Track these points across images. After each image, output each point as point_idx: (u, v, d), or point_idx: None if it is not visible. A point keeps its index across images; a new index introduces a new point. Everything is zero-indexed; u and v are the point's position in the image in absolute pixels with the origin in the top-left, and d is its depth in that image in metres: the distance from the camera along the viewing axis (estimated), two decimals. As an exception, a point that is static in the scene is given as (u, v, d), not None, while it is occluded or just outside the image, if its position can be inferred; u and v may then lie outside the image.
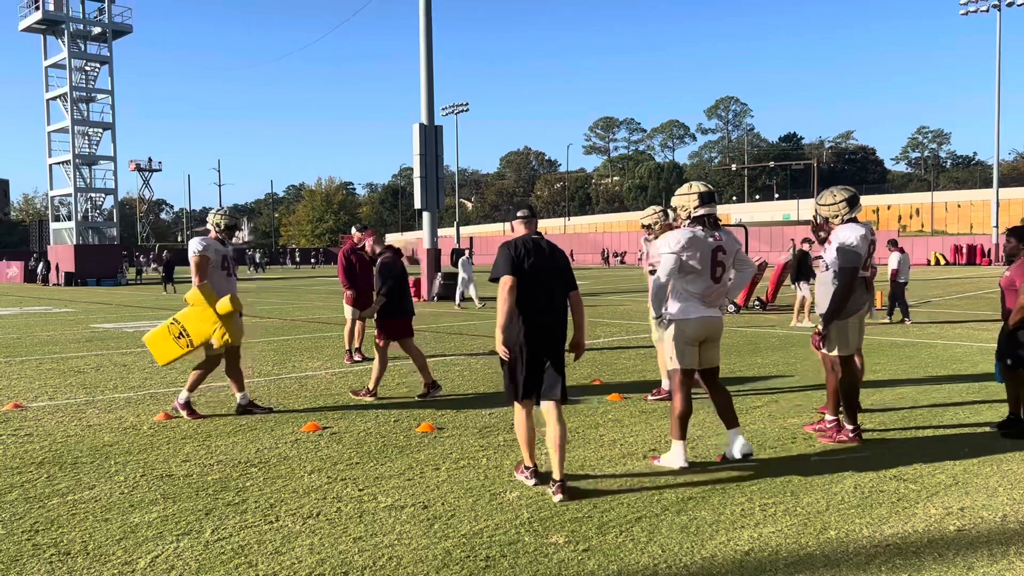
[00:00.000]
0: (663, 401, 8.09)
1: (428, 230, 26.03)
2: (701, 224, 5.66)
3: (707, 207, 5.67)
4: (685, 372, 5.70)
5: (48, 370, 11.01)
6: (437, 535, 4.46)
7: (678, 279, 5.63)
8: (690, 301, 5.64)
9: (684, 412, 5.67)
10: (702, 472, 5.61)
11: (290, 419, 7.53)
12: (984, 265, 56.58)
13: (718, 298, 5.79)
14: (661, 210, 8.52)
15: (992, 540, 4.30)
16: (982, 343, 12.56)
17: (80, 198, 49.37)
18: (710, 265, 5.61)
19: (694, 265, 5.57)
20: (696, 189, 5.75)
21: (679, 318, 5.64)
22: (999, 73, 55.93)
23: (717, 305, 5.80)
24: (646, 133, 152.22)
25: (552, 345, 5.30)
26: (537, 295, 5.23)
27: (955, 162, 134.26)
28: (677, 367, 5.71)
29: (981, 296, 24.07)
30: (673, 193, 6.01)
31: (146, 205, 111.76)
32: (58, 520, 4.78)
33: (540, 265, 5.26)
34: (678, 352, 5.68)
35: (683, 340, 5.65)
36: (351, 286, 11.02)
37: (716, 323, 5.74)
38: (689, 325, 5.62)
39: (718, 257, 5.65)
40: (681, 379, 5.70)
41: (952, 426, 6.95)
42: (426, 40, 25.53)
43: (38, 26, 49.29)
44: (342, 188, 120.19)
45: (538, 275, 5.24)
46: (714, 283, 5.67)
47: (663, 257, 5.62)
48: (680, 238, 5.58)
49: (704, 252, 5.58)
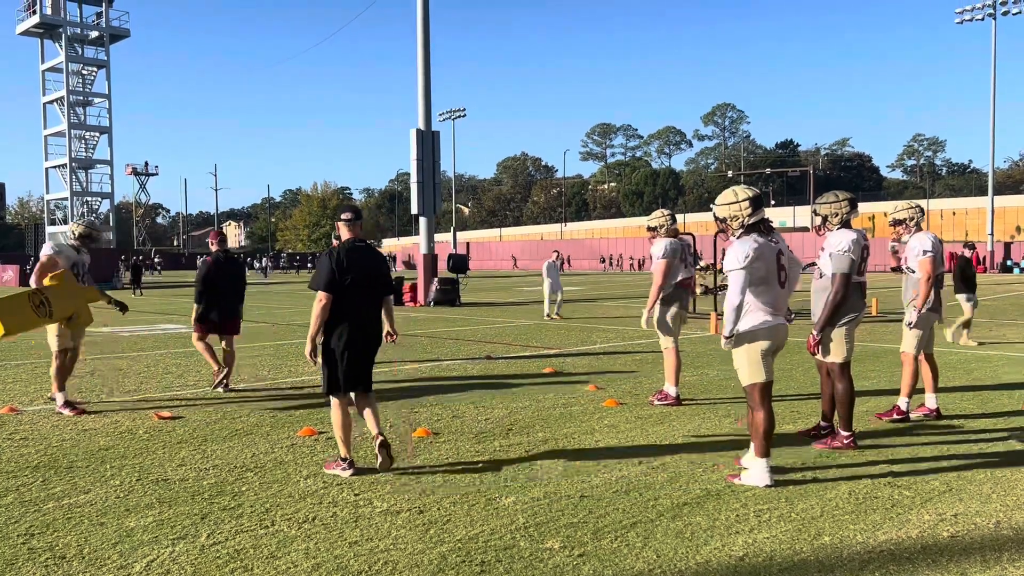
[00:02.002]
0: (670, 407, 8.10)
1: (425, 235, 26.05)
2: (757, 231, 5.43)
3: (759, 212, 5.45)
4: (766, 385, 5.43)
5: (43, 374, 10.98)
6: (432, 540, 4.46)
7: (749, 291, 5.36)
8: (763, 312, 5.39)
9: (769, 428, 5.39)
10: (696, 479, 5.63)
11: (286, 424, 7.53)
12: (980, 272, 56.68)
13: (784, 304, 5.54)
14: (669, 214, 8.59)
15: (986, 546, 4.32)
16: (976, 350, 12.60)
17: (76, 202, 49.32)
18: (775, 271, 5.41)
19: (762, 275, 5.35)
20: (744, 195, 5.47)
21: (757, 328, 5.38)
22: (994, 81, 56.16)
23: (783, 311, 5.54)
24: (643, 139, 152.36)
25: (371, 344, 5.89)
26: (356, 300, 5.74)
27: (950, 170, 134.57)
28: (758, 381, 5.41)
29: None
30: (668, 199, 6.00)
31: (142, 209, 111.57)
32: (54, 524, 4.78)
33: (361, 272, 5.75)
34: (757, 365, 5.40)
35: (761, 352, 5.39)
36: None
37: (784, 331, 5.51)
38: (767, 334, 5.38)
39: (780, 261, 5.45)
40: (761, 393, 5.42)
41: (946, 432, 6.97)
42: (423, 46, 25.59)
43: (35, 30, 49.30)
44: (339, 193, 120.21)
45: (359, 282, 5.72)
46: (780, 289, 5.45)
47: (732, 275, 5.33)
48: (747, 250, 5.30)
49: (769, 259, 5.37)
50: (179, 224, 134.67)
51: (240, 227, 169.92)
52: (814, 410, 7.74)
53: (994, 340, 14.06)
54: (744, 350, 5.44)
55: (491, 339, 15.05)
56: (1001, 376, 9.96)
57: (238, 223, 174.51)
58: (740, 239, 5.44)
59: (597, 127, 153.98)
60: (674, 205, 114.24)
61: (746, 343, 5.41)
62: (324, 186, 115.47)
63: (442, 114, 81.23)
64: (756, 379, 5.43)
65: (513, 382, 9.84)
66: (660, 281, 8.19)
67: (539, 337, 15.28)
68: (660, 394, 8.39)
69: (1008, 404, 8.17)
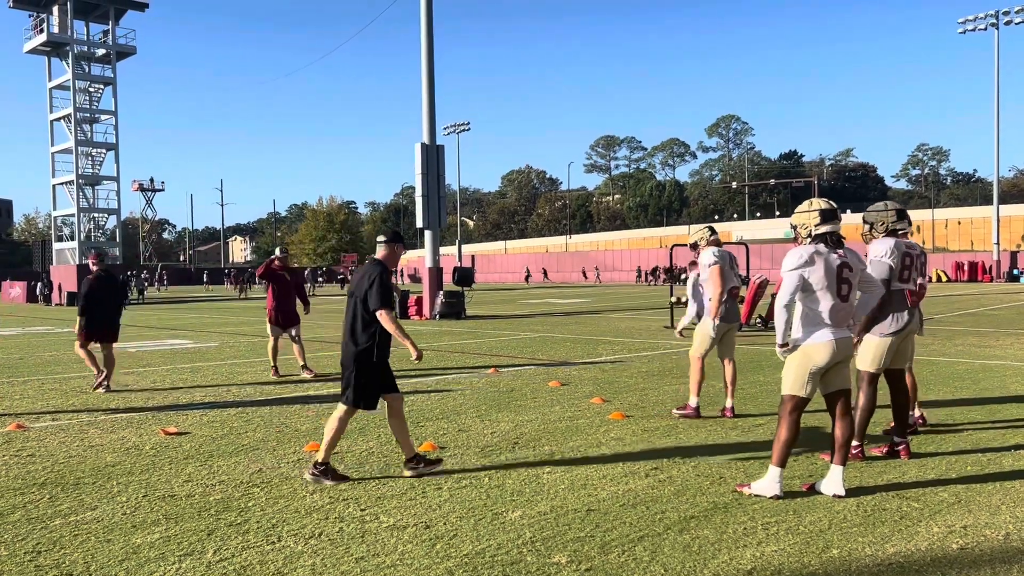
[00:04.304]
0: (687, 418, 8.08)
1: (430, 248, 26.09)
2: (823, 242, 5.42)
3: (830, 224, 5.44)
4: (802, 401, 5.42)
5: (50, 390, 11.02)
6: (439, 555, 4.45)
7: (803, 299, 5.37)
8: (817, 324, 5.36)
9: (791, 440, 5.40)
10: (704, 491, 5.61)
11: (292, 439, 7.53)
12: (986, 282, 56.54)
13: (846, 318, 5.50)
14: (707, 226, 8.70)
15: (995, 559, 4.29)
16: (984, 360, 12.55)
17: (83, 218, 49.54)
18: (835, 283, 5.37)
19: (817, 283, 5.34)
20: (817, 206, 5.49)
21: (808, 343, 5.36)
22: (997, 90, 56.20)
23: (846, 325, 5.51)
24: (647, 151, 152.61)
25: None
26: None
27: (955, 179, 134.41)
28: (797, 395, 5.40)
29: (983, 313, 24.05)
30: (673, 210, 6.04)
31: (149, 225, 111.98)
32: (60, 541, 4.78)
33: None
34: (801, 380, 5.38)
35: (809, 366, 5.36)
36: (273, 304, 12.18)
37: (847, 343, 5.44)
38: (819, 351, 5.33)
39: (843, 274, 5.38)
40: (794, 406, 5.42)
41: (954, 443, 6.94)
42: (427, 61, 25.71)
43: (42, 48, 49.70)
44: (344, 207, 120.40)
45: None
46: (840, 301, 5.39)
47: (784, 276, 5.38)
48: (802, 254, 5.35)
49: (829, 269, 5.35)
50: (185, 239, 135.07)
51: (246, 242, 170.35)
52: (820, 420, 7.69)
53: (1001, 350, 14.00)
54: (797, 361, 5.42)
55: (497, 352, 15.04)
56: (1009, 386, 9.92)
57: (244, 238, 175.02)
58: (801, 245, 5.51)
59: (601, 139, 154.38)
60: (678, 217, 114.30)
61: (800, 355, 5.41)
62: (330, 200, 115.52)
63: (447, 128, 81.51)
64: (795, 392, 5.43)
65: (519, 395, 9.83)
66: (719, 287, 8.10)
67: (544, 350, 15.27)
68: (683, 407, 8.36)
69: (1017, 414, 8.12)
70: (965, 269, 59.69)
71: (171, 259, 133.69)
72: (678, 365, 12.50)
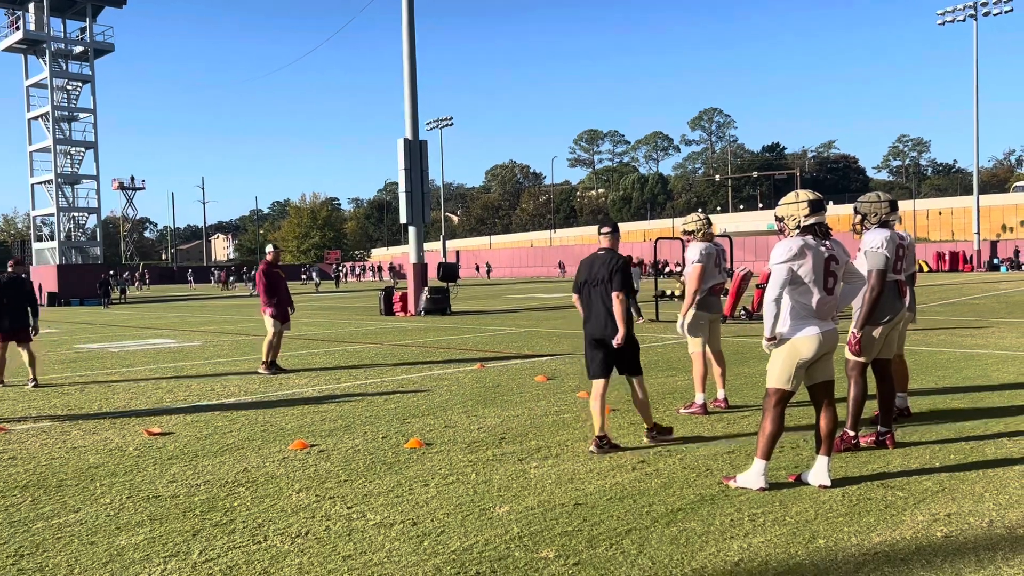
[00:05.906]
0: (695, 415, 8.03)
1: (414, 244, 26.02)
2: (812, 234, 5.41)
3: (817, 215, 5.43)
4: (786, 394, 5.42)
5: (31, 392, 10.91)
6: (427, 552, 4.44)
7: (790, 292, 5.35)
8: (805, 317, 5.34)
9: (775, 433, 5.39)
10: (690, 484, 5.62)
11: (277, 437, 7.49)
12: (967, 271, 57.04)
13: (831, 311, 5.50)
14: (704, 217, 8.53)
15: (979, 546, 4.33)
16: (966, 349, 12.66)
17: (63, 218, 49.06)
18: (823, 276, 5.38)
19: (806, 276, 5.33)
20: (805, 197, 5.47)
21: (795, 336, 5.34)
22: (976, 81, 56.66)
23: (830, 317, 5.51)
24: (630, 145, 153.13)
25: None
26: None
27: (935, 170, 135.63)
28: (782, 388, 5.40)
29: (964, 303, 24.27)
30: (657, 203, 6.03)
31: (130, 224, 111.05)
32: (43, 544, 4.73)
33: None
34: (787, 374, 5.37)
35: (796, 360, 5.35)
36: (269, 302, 12.22)
37: (832, 336, 5.43)
38: (806, 344, 5.32)
39: (831, 267, 5.41)
40: (779, 399, 5.42)
41: (937, 432, 6.99)
42: (410, 56, 25.61)
43: (18, 46, 49.09)
44: (327, 204, 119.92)
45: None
46: (827, 295, 5.39)
47: (774, 269, 5.36)
48: (791, 247, 5.31)
49: (817, 262, 5.35)
50: (167, 238, 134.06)
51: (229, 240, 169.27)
52: (805, 412, 7.73)
53: (983, 338, 14.13)
54: (783, 354, 5.41)
55: (482, 347, 15.03)
56: (991, 375, 10.00)
57: (226, 236, 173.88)
58: (789, 237, 5.48)
59: (584, 133, 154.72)
60: (662, 210, 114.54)
61: (788, 349, 5.40)
62: (313, 197, 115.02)
63: (429, 123, 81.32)
64: (780, 385, 5.42)
65: (505, 390, 9.82)
66: (695, 286, 8.11)
67: (531, 344, 15.27)
68: (688, 405, 8.31)
69: (998, 402, 8.20)
70: (946, 259, 60.19)
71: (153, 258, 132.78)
72: (663, 358, 12.54)
